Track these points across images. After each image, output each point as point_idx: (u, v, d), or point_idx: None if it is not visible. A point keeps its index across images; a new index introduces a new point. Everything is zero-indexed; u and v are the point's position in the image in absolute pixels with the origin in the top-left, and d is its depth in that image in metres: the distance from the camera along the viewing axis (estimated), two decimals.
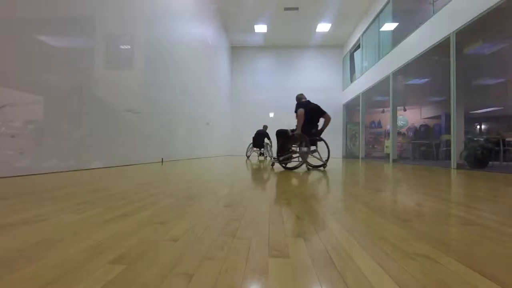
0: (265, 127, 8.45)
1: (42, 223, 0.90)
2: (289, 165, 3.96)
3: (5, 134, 2.33)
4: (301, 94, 4.19)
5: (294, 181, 2.29)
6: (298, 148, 4.00)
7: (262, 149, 8.08)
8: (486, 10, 4.20)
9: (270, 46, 12.94)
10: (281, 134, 4.00)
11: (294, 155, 4.00)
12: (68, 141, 2.95)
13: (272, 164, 4.44)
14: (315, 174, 3.11)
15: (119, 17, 3.92)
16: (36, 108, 2.61)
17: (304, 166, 4.09)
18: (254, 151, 8.25)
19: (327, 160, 4.07)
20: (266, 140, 8.09)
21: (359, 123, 10.28)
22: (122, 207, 1.16)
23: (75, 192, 1.52)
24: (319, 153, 4.11)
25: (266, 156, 8.41)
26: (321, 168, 4.05)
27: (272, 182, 2.23)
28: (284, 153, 3.88)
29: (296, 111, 3.85)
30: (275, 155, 4.34)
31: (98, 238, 0.76)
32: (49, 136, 2.74)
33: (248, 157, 8.59)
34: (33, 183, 1.93)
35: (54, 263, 0.59)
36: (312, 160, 4.44)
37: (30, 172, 2.48)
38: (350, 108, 12.48)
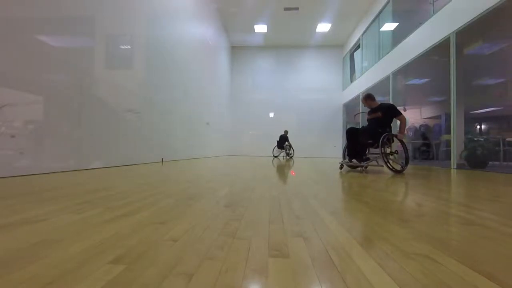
0: (286, 131, 9.99)
1: (42, 223, 0.90)
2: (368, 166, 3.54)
3: (5, 134, 2.33)
4: None
5: (293, 182, 2.29)
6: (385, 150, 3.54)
7: (282, 150, 9.80)
8: (486, 10, 4.20)
9: (270, 46, 12.94)
10: (378, 133, 3.48)
11: (391, 157, 3.55)
12: (68, 141, 2.95)
13: (363, 167, 3.55)
14: (314, 175, 3.11)
15: (119, 17, 3.92)
16: (36, 108, 2.61)
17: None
18: (278, 151, 9.96)
19: (406, 164, 3.52)
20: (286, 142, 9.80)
21: (359, 123, 10.29)
22: (122, 207, 1.16)
23: (75, 192, 1.52)
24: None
25: (291, 155, 9.78)
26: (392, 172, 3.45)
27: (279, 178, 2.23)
28: (364, 154, 3.58)
29: (399, 114, 3.58)
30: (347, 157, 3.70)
31: (98, 238, 0.76)
32: (49, 136, 2.74)
33: (276, 156, 9.95)
34: (33, 183, 1.93)
35: (54, 263, 0.59)
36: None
37: (30, 172, 2.48)
38: (350, 108, 12.48)
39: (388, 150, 3.58)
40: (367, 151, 3.80)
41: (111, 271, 0.56)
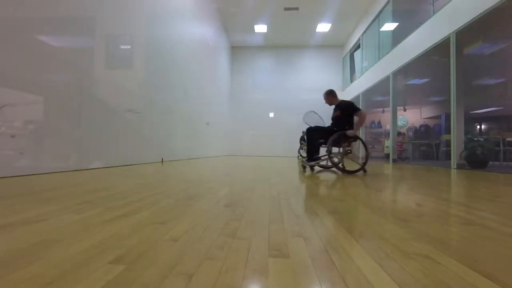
0: (304, 132, 10.47)
1: (42, 223, 0.90)
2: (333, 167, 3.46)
3: (5, 134, 2.33)
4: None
5: (293, 181, 2.29)
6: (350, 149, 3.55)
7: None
8: (486, 10, 4.20)
9: (270, 46, 12.94)
10: (322, 131, 3.51)
11: (339, 157, 3.54)
12: (68, 141, 2.95)
13: (308, 168, 3.65)
14: (313, 175, 3.11)
15: (119, 17, 3.91)
16: (36, 108, 2.61)
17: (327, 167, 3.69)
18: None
19: (365, 163, 3.38)
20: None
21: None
22: (122, 207, 1.16)
23: (75, 192, 1.52)
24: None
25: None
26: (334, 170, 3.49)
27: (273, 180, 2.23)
28: (316, 153, 3.55)
29: (358, 110, 3.45)
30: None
31: (98, 238, 0.76)
32: (49, 136, 2.74)
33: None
34: (33, 183, 1.93)
35: (54, 263, 0.59)
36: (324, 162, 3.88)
37: (30, 172, 2.48)
38: None
39: (346, 150, 3.51)
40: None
41: (111, 271, 0.56)
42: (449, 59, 5.07)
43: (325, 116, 3.83)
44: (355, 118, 3.53)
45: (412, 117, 13.44)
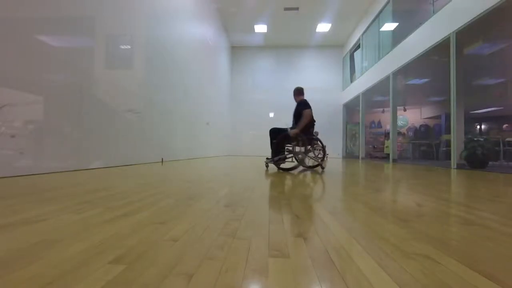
0: (316, 133, 10.41)
1: (42, 223, 0.90)
2: (284, 165, 3.64)
3: (5, 134, 2.33)
4: (303, 89, 3.82)
5: (293, 182, 2.29)
6: (293, 148, 3.64)
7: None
8: (486, 10, 4.20)
9: (270, 46, 12.94)
10: (276, 132, 3.59)
11: (288, 156, 3.65)
12: (68, 141, 2.95)
13: (267, 165, 3.93)
14: (312, 175, 3.11)
15: (119, 17, 3.91)
16: (36, 108, 2.61)
17: (300, 167, 3.77)
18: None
19: (322, 160, 3.51)
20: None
21: (359, 123, 10.29)
22: (122, 207, 1.16)
23: (75, 192, 1.52)
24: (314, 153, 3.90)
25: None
26: (318, 169, 3.65)
27: (271, 182, 2.23)
28: (278, 154, 3.59)
29: (303, 109, 3.41)
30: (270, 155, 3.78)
31: (98, 238, 0.76)
32: (49, 136, 2.74)
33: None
34: (33, 183, 1.93)
35: (54, 263, 0.59)
36: (308, 160, 4.03)
37: (30, 172, 2.48)
38: (350, 108, 12.48)
39: (300, 149, 3.60)
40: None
41: (111, 271, 0.56)
42: (449, 59, 5.08)
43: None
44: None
45: (412, 117, 13.45)
